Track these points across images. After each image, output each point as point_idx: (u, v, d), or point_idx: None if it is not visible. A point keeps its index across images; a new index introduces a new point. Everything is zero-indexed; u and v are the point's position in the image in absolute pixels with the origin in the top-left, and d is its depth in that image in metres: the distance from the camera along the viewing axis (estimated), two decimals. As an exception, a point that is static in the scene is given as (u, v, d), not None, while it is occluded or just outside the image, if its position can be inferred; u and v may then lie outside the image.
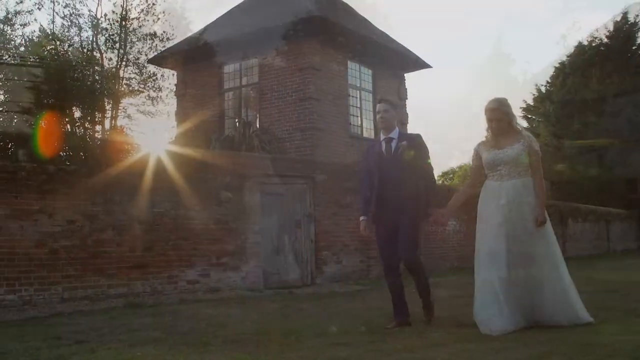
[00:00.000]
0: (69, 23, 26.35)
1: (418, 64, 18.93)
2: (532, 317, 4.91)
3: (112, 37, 27.05)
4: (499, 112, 5.14)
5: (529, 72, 77.36)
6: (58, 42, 21.71)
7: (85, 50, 25.22)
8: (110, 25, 26.90)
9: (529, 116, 32.57)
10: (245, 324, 5.96)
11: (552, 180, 29.40)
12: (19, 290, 7.80)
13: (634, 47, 29.78)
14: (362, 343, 4.55)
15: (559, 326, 4.80)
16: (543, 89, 31.75)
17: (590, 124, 27.69)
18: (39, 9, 27.29)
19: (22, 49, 15.97)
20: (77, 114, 15.93)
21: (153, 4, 27.19)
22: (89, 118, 16.66)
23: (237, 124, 16.30)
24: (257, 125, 16.12)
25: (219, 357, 4.26)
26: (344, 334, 5.00)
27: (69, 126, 14.77)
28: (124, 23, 26.95)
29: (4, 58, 14.13)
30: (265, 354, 4.29)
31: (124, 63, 27.22)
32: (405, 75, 19.03)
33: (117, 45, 27.13)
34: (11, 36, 18.24)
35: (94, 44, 26.66)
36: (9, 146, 13.35)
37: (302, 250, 10.98)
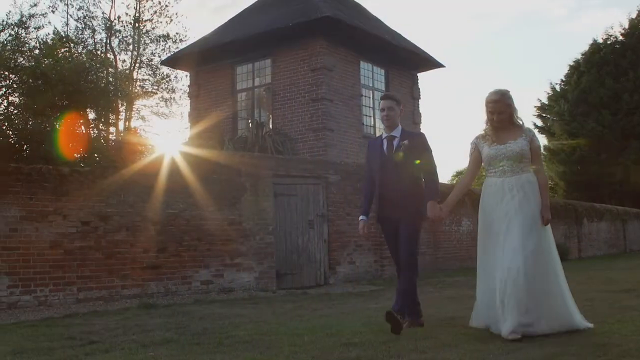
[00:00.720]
0: (83, 25, 26.65)
1: (431, 63, 18.89)
2: (532, 319, 4.75)
3: (125, 39, 27.31)
4: (501, 105, 4.92)
5: (542, 70, 76.98)
6: (72, 45, 21.90)
7: (98, 52, 25.46)
8: (124, 27, 27.17)
9: (544, 115, 32.34)
10: (259, 324, 5.97)
11: (567, 180, 29.21)
12: (34, 291, 7.90)
13: (649, 45, 29.43)
14: (374, 343, 4.54)
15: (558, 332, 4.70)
16: (557, 88, 31.51)
17: (606, 122, 27.46)
18: (53, 12, 27.71)
19: (37, 51, 16.10)
20: (92, 115, 16.07)
21: (166, 5, 27.45)
22: (102, 120, 16.80)
23: (250, 124, 16.36)
24: (270, 126, 16.16)
25: (232, 358, 4.27)
26: (356, 334, 4.99)
27: (83, 128, 14.88)
28: (137, 25, 27.18)
29: (19, 61, 14.26)
30: (277, 354, 4.30)
31: (137, 65, 27.49)
32: (418, 74, 19.02)
33: (131, 47, 27.39)
34: (25, 39, 18.42)
35: (108, 45, 26.91)
36: (24, 148, 13.48)
37: (315, 250, 10.99)
